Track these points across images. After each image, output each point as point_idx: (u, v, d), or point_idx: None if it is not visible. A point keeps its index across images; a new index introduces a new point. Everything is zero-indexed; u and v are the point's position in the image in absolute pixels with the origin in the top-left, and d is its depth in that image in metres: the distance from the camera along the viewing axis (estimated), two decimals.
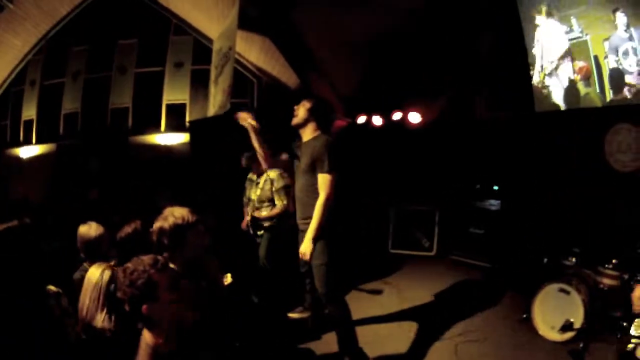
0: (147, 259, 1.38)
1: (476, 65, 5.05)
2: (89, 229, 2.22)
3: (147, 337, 1.36)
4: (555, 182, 4.41)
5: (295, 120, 2.58)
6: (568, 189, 4.21)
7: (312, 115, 2.55)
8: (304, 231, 2.49)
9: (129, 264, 1.37)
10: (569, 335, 2.64)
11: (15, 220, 2.11)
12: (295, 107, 2.60)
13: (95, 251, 2.19)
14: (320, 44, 5.20)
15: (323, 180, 2.43)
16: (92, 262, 2.09)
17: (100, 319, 1.80)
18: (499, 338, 2.95)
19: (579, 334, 2.61)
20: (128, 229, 2.24)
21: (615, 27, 3.59)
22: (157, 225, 1.74)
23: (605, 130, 3.96)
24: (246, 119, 2.57)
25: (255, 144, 2.63)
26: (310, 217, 2.44)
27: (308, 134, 2.58)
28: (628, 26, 3.51)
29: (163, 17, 7.33)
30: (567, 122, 4.28)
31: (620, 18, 3.53)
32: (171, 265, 1.62)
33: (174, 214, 1.73)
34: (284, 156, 2.99)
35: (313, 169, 2.48)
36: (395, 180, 5.63)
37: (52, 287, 2.10)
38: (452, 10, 4.64)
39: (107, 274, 1.87)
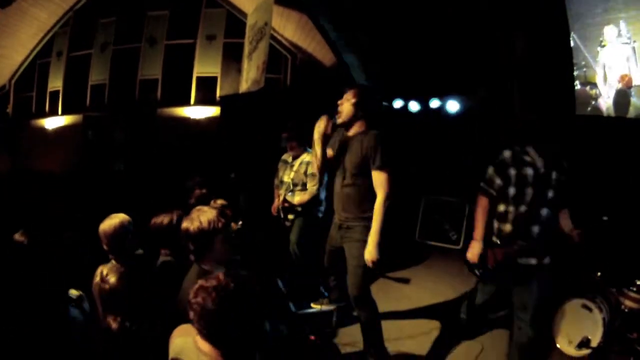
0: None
1: (513, 61, 4.82)
2: (114, 222, 1.92)
3: None
4: (591, 189, 4.23)
5: (341, 120, 2.27)
6: (604, 199, 4.03)
7: (359, 110, 2.25)
8: (344, 228, 2.34)
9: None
10: (584, 352, 2.61)
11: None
12: (339, 102, 2.28)
13: (121, 246, 1.92)
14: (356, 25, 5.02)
15: (379, 178, 2.22)
16: (118, 259, 1.88)
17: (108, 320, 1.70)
18: None
19: (595, 352, 2.58)
20: (164, 219, 2.04)
21: None
22: (183, 226, 1.62)
23: None
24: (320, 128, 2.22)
25: (318, 151, 2.29)
26: (353, 214, 2.29)
27: (354, 129, 2.30)
28: None
29: None
30: (608, 130, 4.00)
31: None
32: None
33: (201, 218, 1.60)
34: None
35: (360, 167, 2.25)
36: (428, 168, 5.47)
37: (74, 292, 1.97)
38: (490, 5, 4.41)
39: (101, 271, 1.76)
